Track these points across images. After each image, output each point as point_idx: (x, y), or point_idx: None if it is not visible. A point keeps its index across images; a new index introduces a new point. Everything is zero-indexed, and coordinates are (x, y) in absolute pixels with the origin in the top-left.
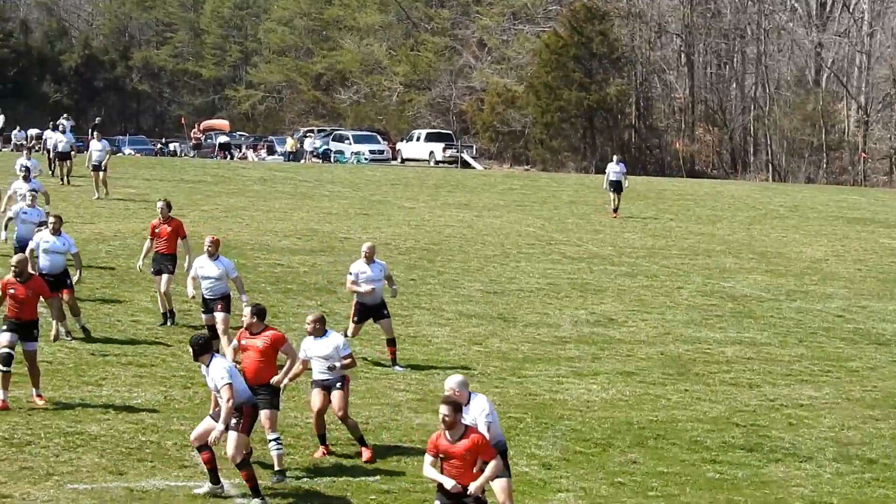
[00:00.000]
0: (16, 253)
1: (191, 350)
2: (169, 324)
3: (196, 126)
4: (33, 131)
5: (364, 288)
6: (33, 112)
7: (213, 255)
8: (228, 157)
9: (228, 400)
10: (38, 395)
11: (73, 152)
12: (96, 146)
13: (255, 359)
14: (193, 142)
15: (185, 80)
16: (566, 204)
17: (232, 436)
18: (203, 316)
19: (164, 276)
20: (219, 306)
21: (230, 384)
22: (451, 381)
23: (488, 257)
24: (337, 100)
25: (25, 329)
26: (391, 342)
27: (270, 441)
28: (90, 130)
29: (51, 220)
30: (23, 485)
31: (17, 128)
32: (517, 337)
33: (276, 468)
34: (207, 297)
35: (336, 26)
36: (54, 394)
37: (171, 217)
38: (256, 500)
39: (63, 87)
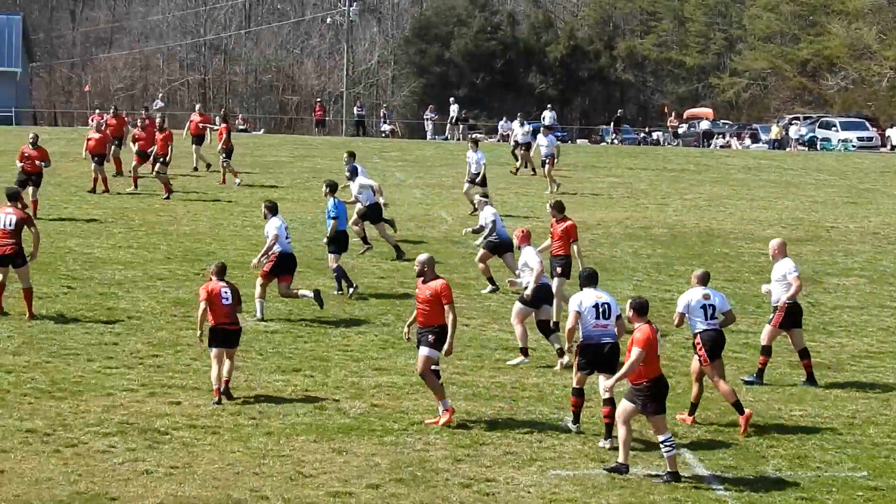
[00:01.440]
0: (491, 250)
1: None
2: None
3: (673, 114)
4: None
5: (763, 288)
6: (519, 103)
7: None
8: (707, 144)
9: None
10: (446, 409)
11: (532, 143)
12: (542, 140)
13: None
14: (671, 130)
15: (668, 69)
16: None
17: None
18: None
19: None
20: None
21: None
22: None
23: None
24: (824, 86)
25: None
26: (803, 353)
27: (660, 443)
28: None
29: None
30: (507, 469)
31: (504, 118)
32: None
33: (668, 469)
34: None
35: (823, 11)
36: (538, 380)
37: (565, 217)
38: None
39: (548, 77)
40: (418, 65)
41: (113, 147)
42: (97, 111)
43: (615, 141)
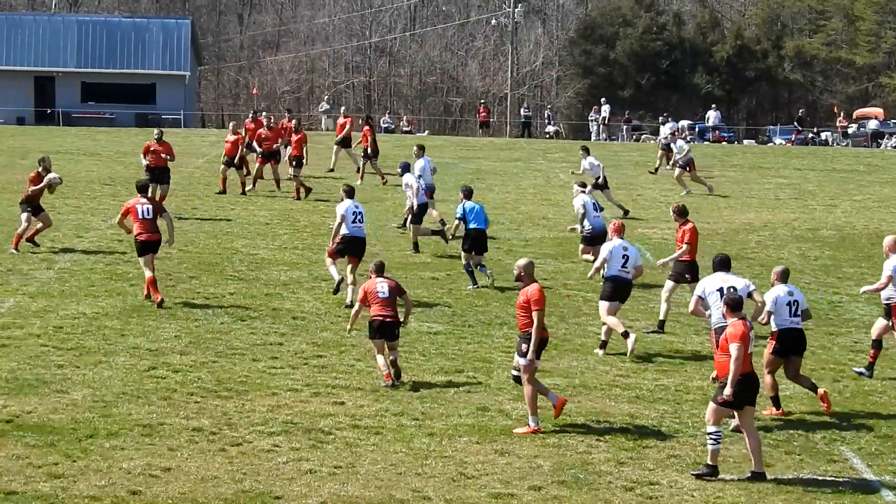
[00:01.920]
0: (586, 241)
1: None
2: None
3: (842, 114)
4: (684, 122)
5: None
6: (685, 103)
7: None
8: (877, 145)
9: None
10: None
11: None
12: (674, 147)
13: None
14: (840, 130)
15: (837, 68)
16: None
17: None
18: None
19: (671, 284)
20: None
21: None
22: None
23: None
24: None
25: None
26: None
27: (707, 433)
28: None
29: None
30: (670, 472)
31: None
32: None
33: (709, 461)
34: None
35: None
36: (702, 383)
37: (686, 221)
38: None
39: (714, 77)
40: (583, 65)
41: (246, 150)
42: (264, 114)
43: (795, 141)
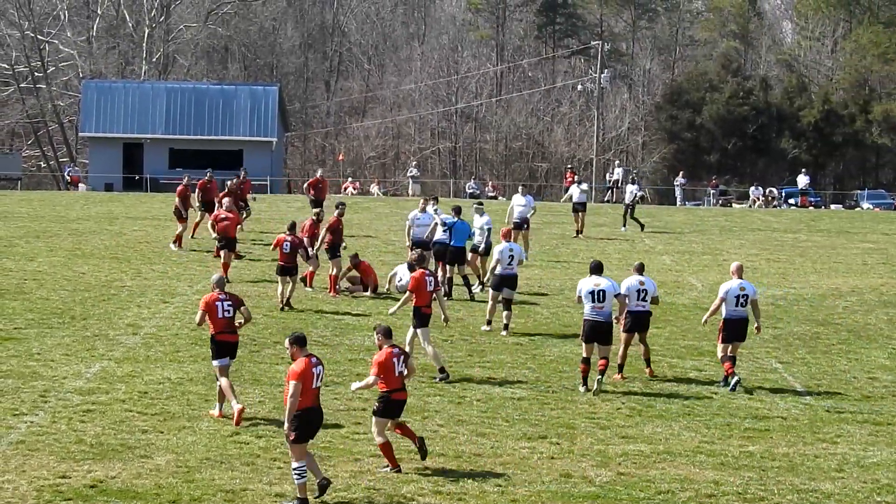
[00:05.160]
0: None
1: None
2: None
3: None
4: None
5: None
6: (771, 168)
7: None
8: None
9: None
10: None
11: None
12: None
13: None
14: None
15: None
16: None
17: None
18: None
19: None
20: None
21: None
22: None
23: None
24: None
25: None
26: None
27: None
28: None
29: None
30: None
31: (755, 184)
32: None
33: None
34: None
35: None
36: (788, 450)
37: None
38: None
39: (801, 142)
40: (669, 130)
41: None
42: (350, 179)
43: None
